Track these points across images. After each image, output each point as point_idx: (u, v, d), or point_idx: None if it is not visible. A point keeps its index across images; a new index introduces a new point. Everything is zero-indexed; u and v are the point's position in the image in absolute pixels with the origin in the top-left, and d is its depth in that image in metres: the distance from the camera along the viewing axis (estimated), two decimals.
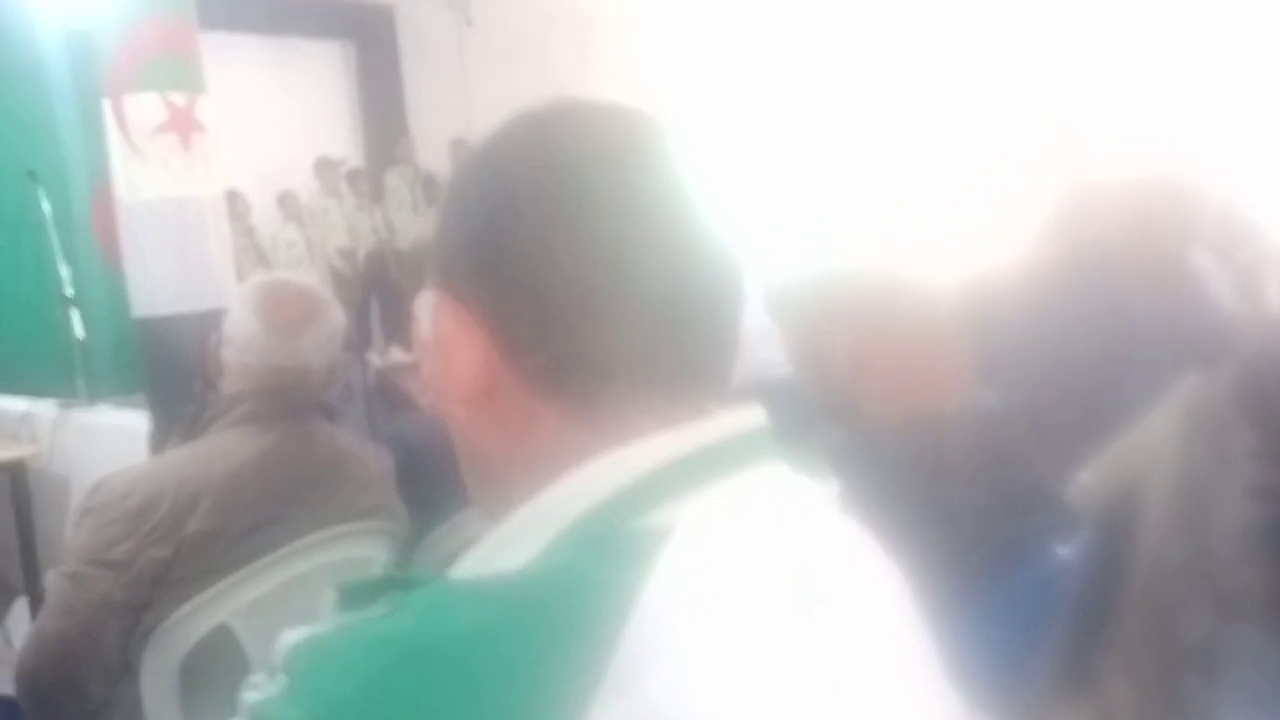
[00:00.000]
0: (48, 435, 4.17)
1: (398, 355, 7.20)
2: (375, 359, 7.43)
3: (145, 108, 3.25)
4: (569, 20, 8.05)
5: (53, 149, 5.29)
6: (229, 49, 6.56)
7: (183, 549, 1.48)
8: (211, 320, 3.29)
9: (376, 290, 8.00)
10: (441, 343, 0.58)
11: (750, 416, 0.57)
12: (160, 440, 3.45)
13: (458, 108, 8.95)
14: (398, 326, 7.43)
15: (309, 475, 1.62)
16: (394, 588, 0.51)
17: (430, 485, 1.82)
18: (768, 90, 7.37)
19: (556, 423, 0.56)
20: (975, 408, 1.03)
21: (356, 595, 0.53)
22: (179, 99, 3.28)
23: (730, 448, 0.55)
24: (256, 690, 0.50)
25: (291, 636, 0.51)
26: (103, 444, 3.97)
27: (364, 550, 1.67)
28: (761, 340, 1.21)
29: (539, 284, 0.55)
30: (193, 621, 1.48)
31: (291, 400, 1.64)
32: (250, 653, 1.53)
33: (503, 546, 0.53)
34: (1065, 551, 0.97)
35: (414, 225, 8.31)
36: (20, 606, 3.96)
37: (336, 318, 1.75)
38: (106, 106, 3.34)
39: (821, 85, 7.02)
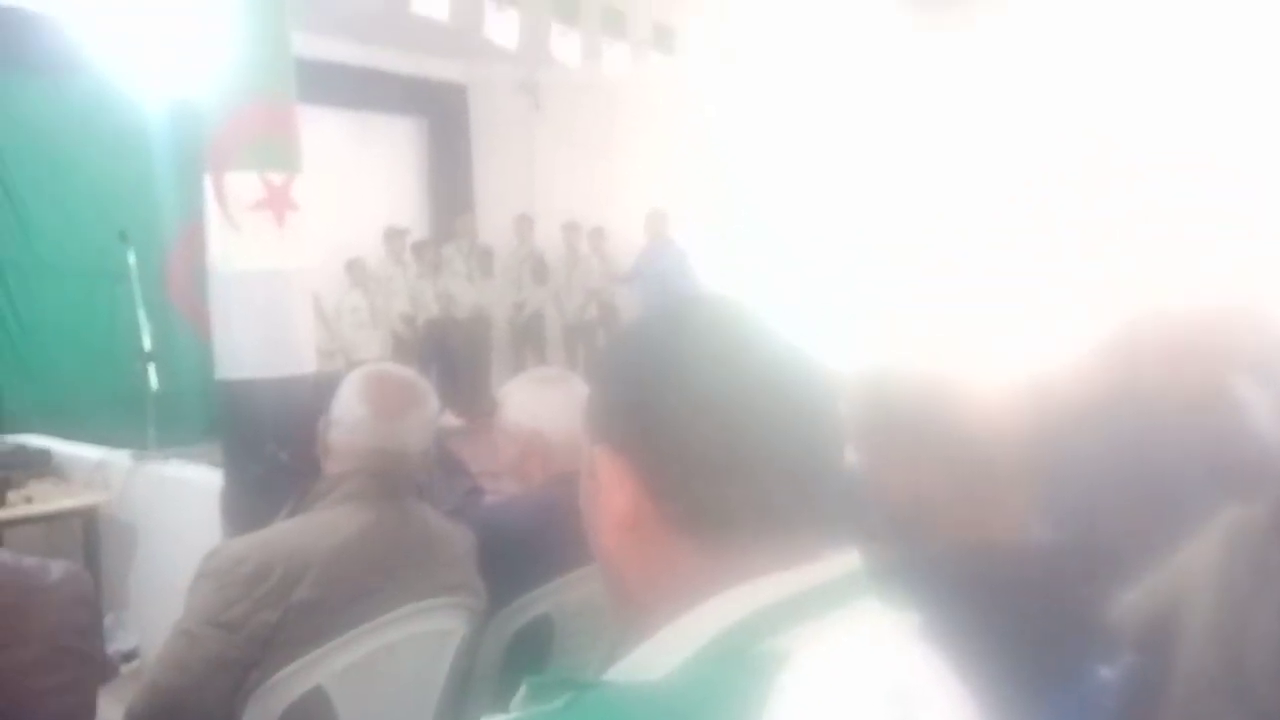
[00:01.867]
0: (119, 484, 4.36)
1: (451, 420, 7.40)
2: None
3: (245, 185, 3.47)
4: (632, 109, 8.32)
5: (143, 210, 5.59)
6: (309, 120, 6.88)
7: (290, 614, 1.61)
8: (289, 386, 3.49)
9: (435, 357, 8.23)
10: (599, 486, 0.73)
11: (850, 559, 0.71)
12: (232, 496, 3.62)
13: (522, 186, 9.25)
14: (453, 392, 7.62)
15: (404, 551, 1.75)
16: (570, 687, 0.64)
17: (506, 564, 1.95)
18: (823, 168, 7.52)
19: (690, 558, 0.69)
20: (1030, 540, 1.13)
21: (541, 690, 0.65)
22: (276, 178, 3.50)
23: (835, 585, 0.68)
24: None
25: None
26: (172, 495, 4.15)
27: (448, 623, 1.79)
28: None
29: (679, 447, 0.69)
30: (292, 682, 1.60)
31: (391, 481, 1.78)
32: (341, 713, 1.65)
33: (650, 658, 0.67)
34: (1108, 672, 1.06)
35: (469, 295, 8.57)
36: None
37: (434, 404, 1.90)
38: (208, 181, 3.56)
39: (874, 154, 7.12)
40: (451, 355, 8.32)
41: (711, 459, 0.69)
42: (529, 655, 1.89)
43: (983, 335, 1.42)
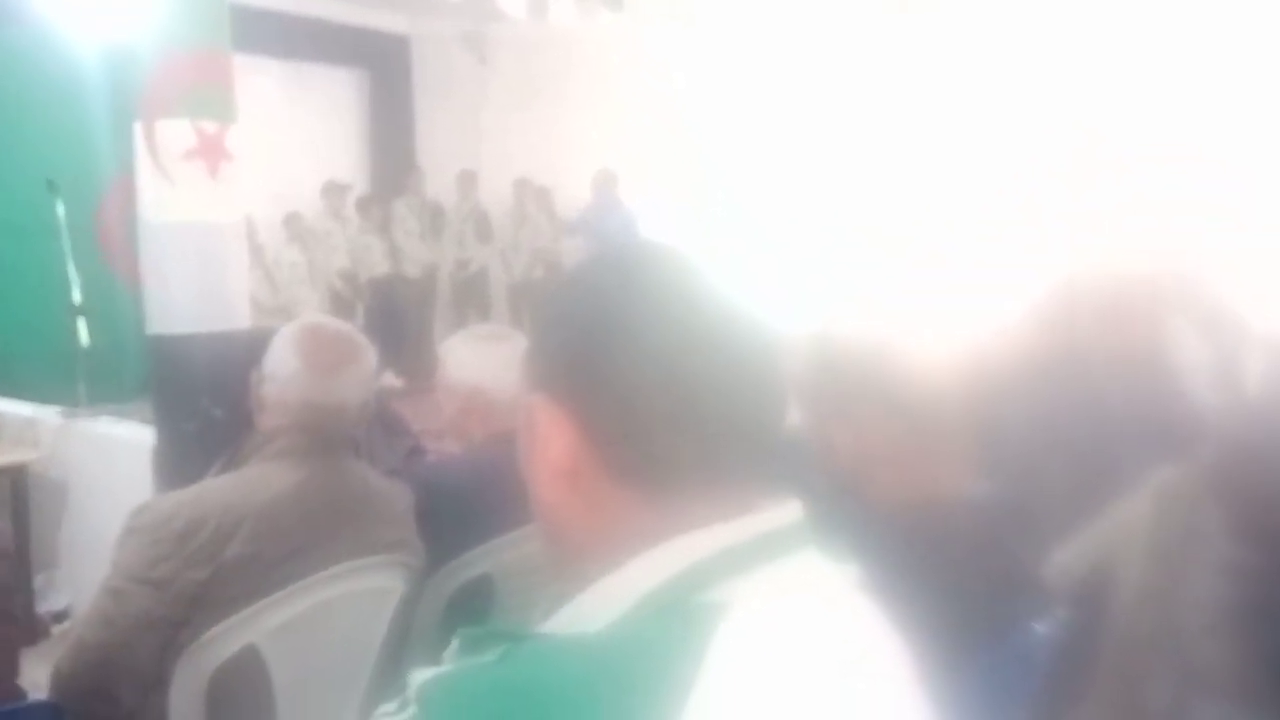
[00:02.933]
0: (49, 441, 4.24)
1: (393, 379, 7.32)
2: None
3: (177, 133, 3.37)
4: (581, 61, 8.21)
5: (72, 161, 5.39)
6: (245, 70, 6.71)
7: (220, 572, 1.58)
8: (224, 341, 3.41)
9: (380, 315, 8.12)
10: (537, 434, 0.71)
11: (790, 511, 0.70)
12: (165, 452, 3.54)
13: (468, 142, 9.10)
14: (397, 352, 7.52)
15: (340, 508, 1.72)
16: (503, 639, 0.63)
17: (445, 523, 1.93)
18: (774, 121, 7.51)
19: (629, 508, 0.68)
20: (968, 497, 1.14)
21: (474, 642, 0.64)
22: (210, 127, 3.40)
23: (775, 537, 0.68)
24: (389, 717, 0.61)
25: (422, 674, 0.62)
26: (103, 453, 4.06)
27: (385, 581, 1.77)
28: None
29: (621, 396, 0.68)
30: (223, 640, 1.57)
31: (326, 436, 1.75)
32: (274, 672, 1.62)
33: (587, 610, 0.66)
34: (1042, 627, 1.08)
35: (421, 253, 8.44)
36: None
37: (371, 360, 1.86)
38: (138, 128, 3.45)
39: (830, 106, 7.12)
40: (398, 314, 8.21)
41: (654, 408, 0.67)
42: (468, 615, 1.87)
43: (924, 297, 1.43)
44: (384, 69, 9.34)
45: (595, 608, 0.65)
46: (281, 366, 1.76)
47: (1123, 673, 1.18)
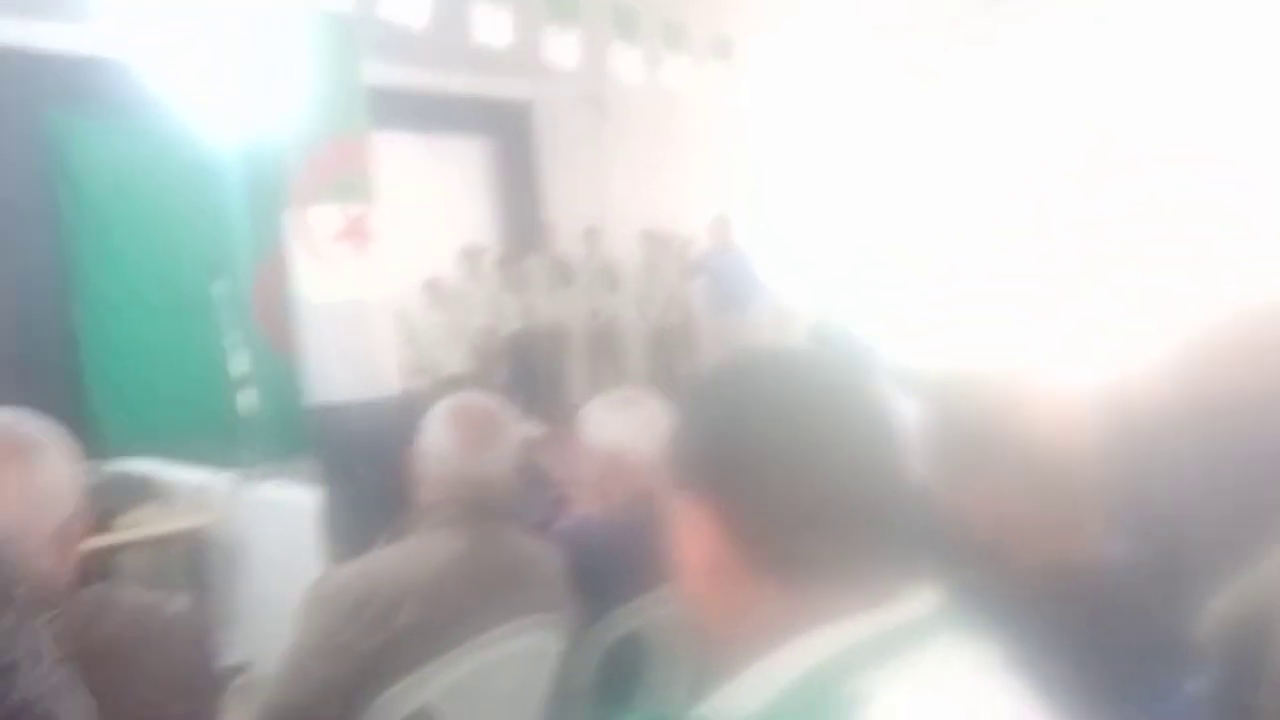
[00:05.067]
0: (221, 506, 4.53)
1: (534, 430, 7.51)
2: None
3: (325, 218, 3.61)
4: (700, 113, 8.33)
5: (225, 244, 5.80)
6: (379, 145, 7.08)
7: (392, 638, 1.69)
8: (377, 408, 3.61)
9: (518, 368, 8.40)
10: (681, 531, 0.77)
11: (928, 598, 0.74)
12: (331, 515, 3.75)
13: (592, 198, 9.34)
14: (535, 402, 7.73)
15: (498, 573, 1.82)
16: None
17: (592, 583, 2.01)
18: (890, 170, 7.47)
19: (771, 601, 0.73)
20: (1110, 557, 1.13)
21: None
22: (355, 209, 3.64)
23: (914, 625, 0.71)
24: None
25: None
26: (270, 514, 4.31)
27: (544, 641, 1.86)
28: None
29: (759, 495, 0.74)
30: (398, 702, 1.68)
31: (481, 506, 1.86)
32: None
33: (735, 698, 0.71)
34: (1195, 686, 1.06)
35: (551, 307, 8.71)
36: None
37: (515, 431, 1.97)
38: (290, 216, 3.72)
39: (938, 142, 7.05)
40: (534, 366, 8.48)
41: (791, 506, 0.72)
42: (622, 673, 1.94)
43: (1053, 347, 1.41)
44: (508, 134, 9.69)
45: (742, 697, 0.70)
46: (435, 444, 1.88)
47: None
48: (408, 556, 1.79)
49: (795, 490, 0.72)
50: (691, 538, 0.76)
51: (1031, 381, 1.23)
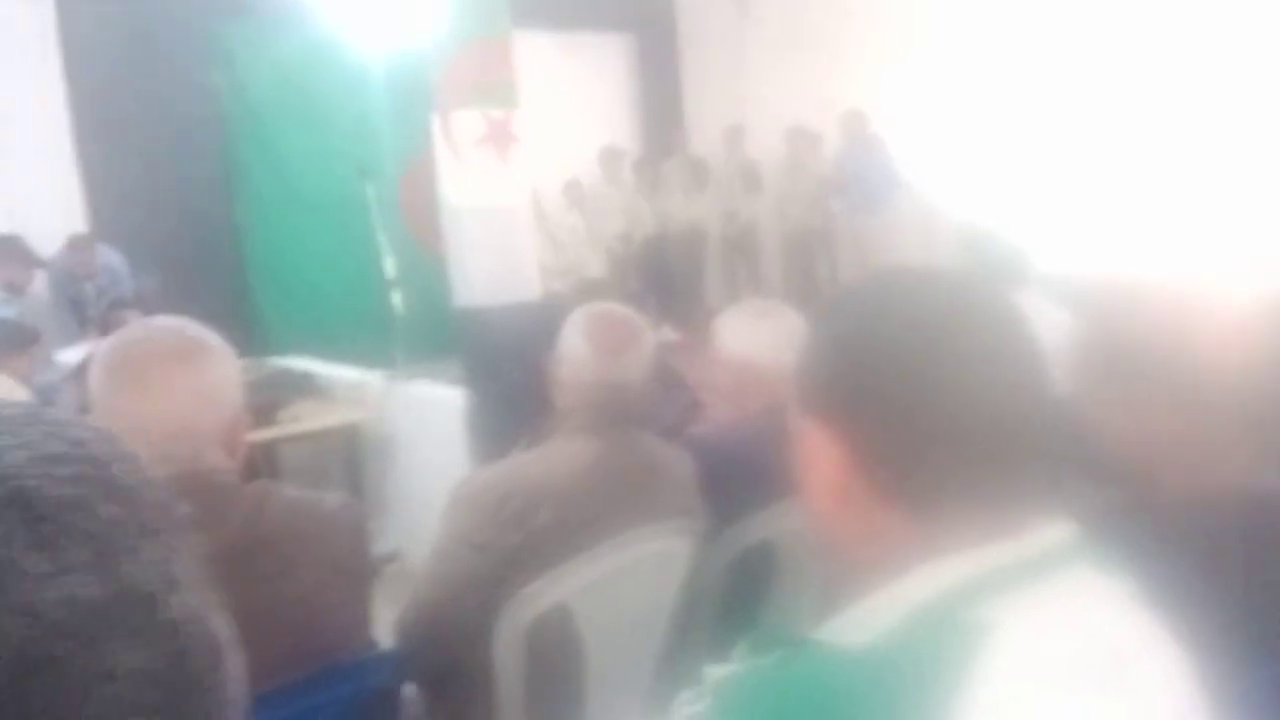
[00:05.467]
0: (374, 402, 4.77)
1: (669, 334, 7.58)
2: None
3: (469, 123, 3.66)
4: (846, 10, 8.00)
5: (373, 147, 5.97)
6: (521, 45, 7.08)
7: (531, 537, 1.77)
8: (520, 312, 3.70)
9: (652, 274, 8.42)
10: (808, 453, 0.77)
11: (1060, 530, 0.72)
12: (475, 413, 3.91)
13: (733, 96, 9.14)
14: (670, 306, 7.78)
15: (632, 478, 1.87)
16: (783, 644, 0.70)
17: (724, 490, 2.04)
18: (1050, 77, 7.05)
19: (898, 525, 0.73)
20: (1267, 489, 1.06)
21: (758, 645, 0.72)
22: (497, 114, 3.67)
23: (1044, 556, 0.70)
24: (688, 705, 0.71)
25: (716, 671, 0.71)
26: (420, 411, 4.51)
27: (674, 545, 1.90)
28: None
29: (889, 417, 0.73)
30: (537, 598, 1.76)
31: (616, 412, 1.90)
32: (581, 627, 1.80)
33: (857, 623, 0.71)
34: None
35: (685, 210, 8.64)
36: None
37: (650, 340, 1.99)
38: (435, 119, 3.78)
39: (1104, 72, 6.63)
40: (669, 271, 8.48)
41: (921, 429, 0.71)
42: (751, 580, 1.98)
43: (1222, 255, 1.31)
44: (650, 31, 9.54)
45: (865, 621, 0.70)
46: (573, 351, 1.92)
47: None
48: (547, 460, 1.86)
49: (925, 416, 0.71)
50: (818, 460, 0.76)
51: (1197, 291, 1.14)
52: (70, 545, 0.38)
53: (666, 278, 8.36)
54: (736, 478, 2.02)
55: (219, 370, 1.48)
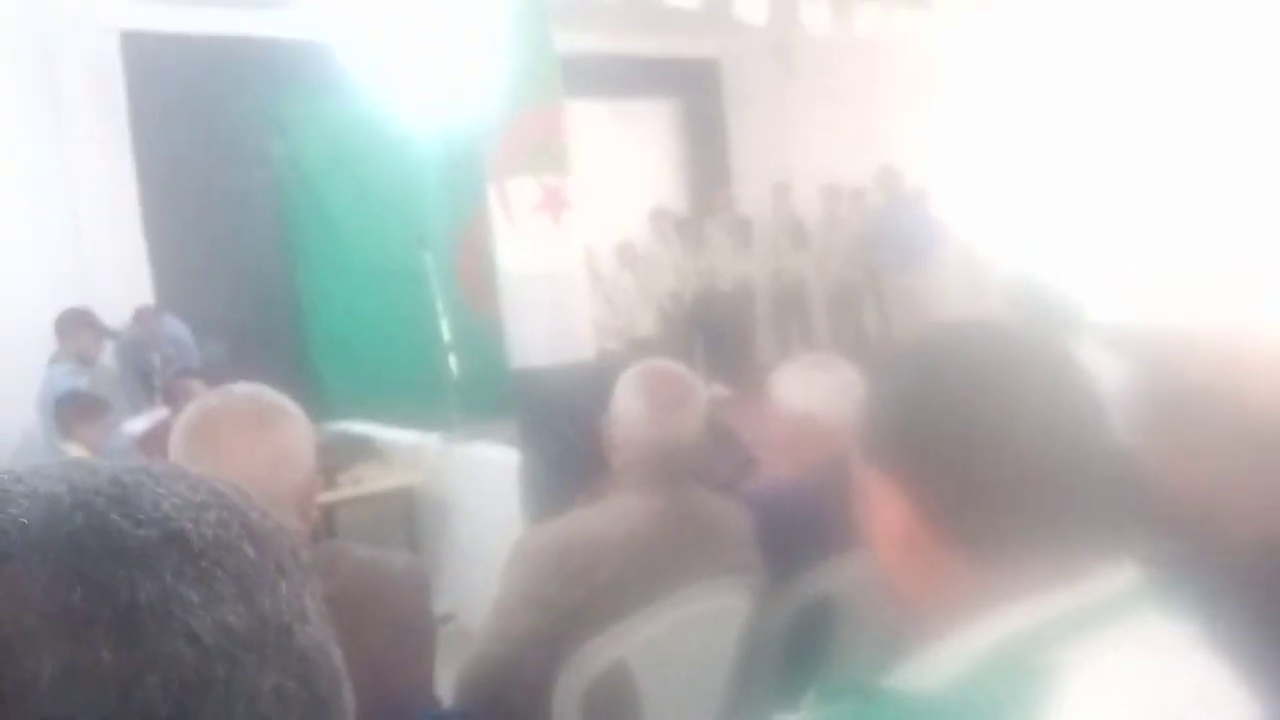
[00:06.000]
0: (431, 465, 4.83)
1: (720, 391, 7.59)
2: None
3: (523, 190, 3.75)
4: (888, 69, 8.09)
5: (430, 214, 6.13)
6: (572, 113, 7.25)
7: (593, 593, 1.78)
8: (575, 372, 3.75)
9: (701, 329, 8.47)
10: (873, 505, 0.79)
11: (1125, 574, 0.74)
12: (531, 473, 3.94)
13: (778, 154, 9.24)
14: (721, 363, 7.80)
15: (690, 533, 1.89)
16: (856, 693, 0.72)
17: (783, 545, 2.04)
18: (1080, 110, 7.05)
19: (964, 573, 0.74)
20: None
21: (830, 695, 0.73)
22: (551, 180, 3.77)
23: (1111, 600, 0.71)
24: None
25: None
26: (476, 473, 4.56)
27: (733, 600, 1.91)
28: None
29: (952, 468, 0.74)
30: (597, 654, 1.78)
31: (672, 468, 1.92)
32: (640, 683, 1.81)
33: (929, 668, 0.72)
34: None
35: (733, 268, 8.71)
36: None
37: (702, 394, 2.02)
38: (490, 188, 3.88)
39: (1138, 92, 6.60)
40: (717, 327, 8.52)
41: (982, 480, 0.73)
42: (811, 635, 1.97)
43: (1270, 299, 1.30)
44: (696, 93, 9.71)
45: (936, 667, 0.71)
46: (627, 410, 1.96)
47: None
48: (606, 516, 1.88)
49: (988, 467, 0.73)
50: (883, 512, 0.78)
51: (1254, 337, 1.13)
52: (220, 579, 0.43)
53: (717, 334, 8.39)
54: (795, 532, 2.03)
55: (294, 434, 1.53)
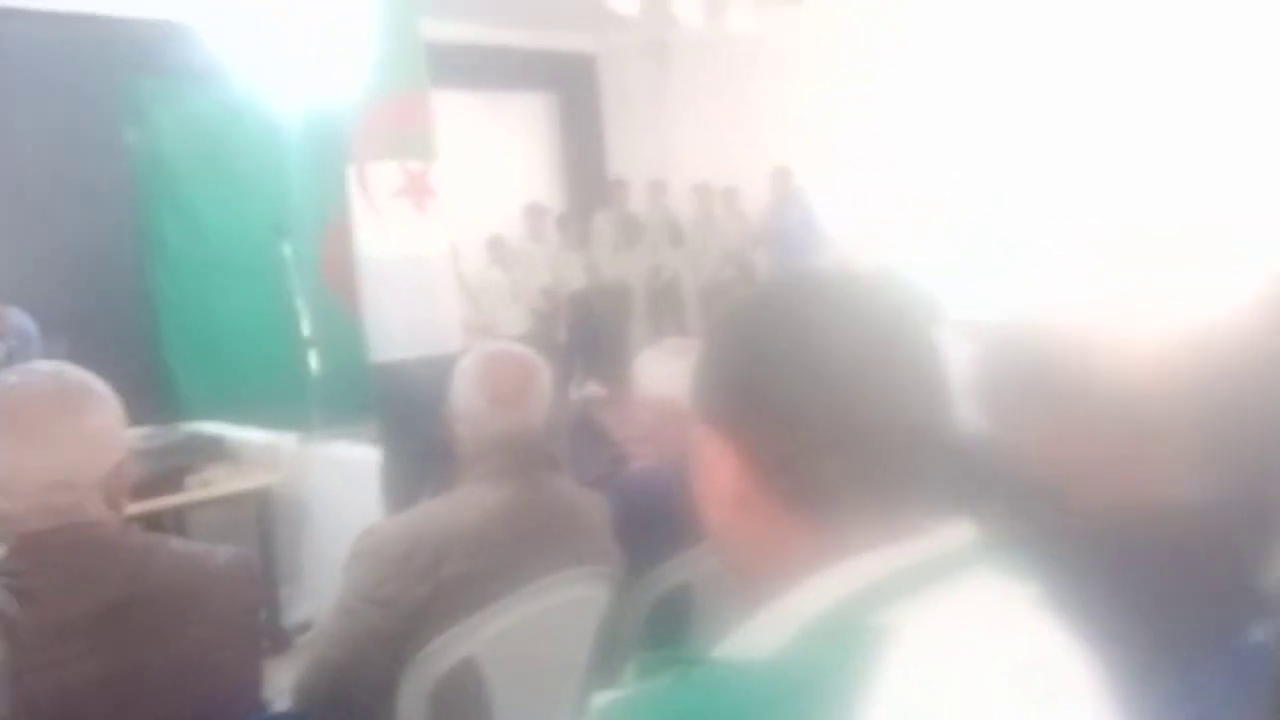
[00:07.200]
0: (288, 465, 4.62)
1: (596, 390, 7.53)
2: (575, 394, 7.82)
3: (386, 174, 3.61)
4: (765, 66, 8.18)
5: (294, 204, 5.89)
6: (444, 104, 7.07)
7: (439, 588, 1.69)
8: (438, 366, 3.62)
9: (580, 328, 8.39)
10: (704, 464, 0.73)
11: (961, 531, 0.70)
12: (391, 472, 3.79)
13: (655, 150, 9.25)
14: (598, 362, 7.74)
15: (543, 523, 1.81)
16: (676, 663, 0.66)
17: (644, 533, 1.99)
18: (960, 118, 7.27)
19: (798, 533, 0.70)
20: (1183, 501, 1.05)
21: (649, 667, 0.67)
22: (415, 166, 3.63)
23: (945, 558, 0.67)
24: None
25: (603, 697, 0.66)
26: (336, 474, 4.38)
27: (590, 592, 1.84)
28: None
29: (785, 424, 0.69)
30: (444, 652, 1.68)
31: (523, 457, 1.84)
32: (490, 683, 1.72)
33: (755, 635, 0.67)
34: (1263, 634, 1.00)
35: (616, 265, 8.68)
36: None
37: (547, 378, 1.93)
38: (351, 172, 3.72)
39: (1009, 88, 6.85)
40: (596, 326, 8.46)
41: (818, 434, 0.68)
42: (670, 624, 1.92)
43: (1135, 276, 1.32)
44: (572, 88, 9.63)
45: (763, 633, 0.66)
46: (467, 405, 1.86)
47: None
48: (453, 508, 1.79)
49: (820, 416, 0.68)
50: (715, 471, 0.73)
51: (1102, 322, 1.14)
52: None
53: (593, 333, 8.32)
54: (654, 521, 1.97)
55: (102, 416, 1.41)
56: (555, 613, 1.78)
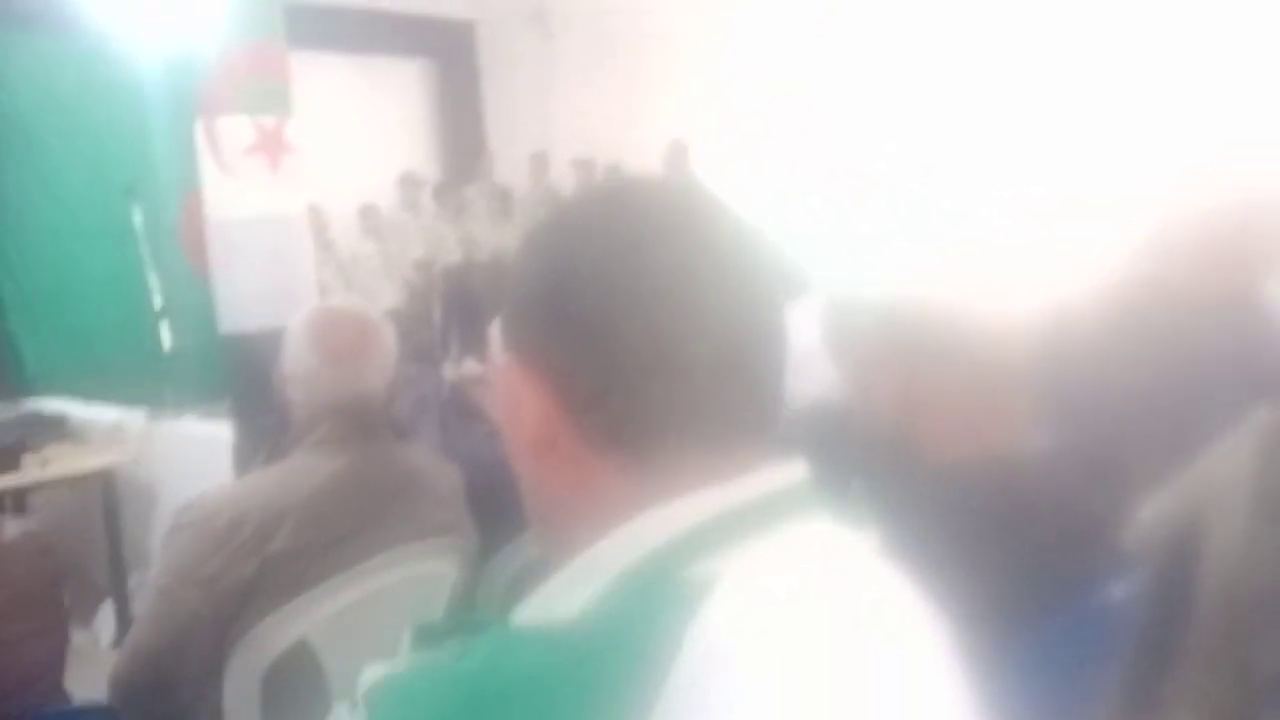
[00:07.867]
0: (136, 444, 4.35)
1: (472, 367, 7.36)
2: (450, 370, 7.63)
3: (236, 130, 3.38)
4: (649, 35, 8.07)
5: (145, 166, 5.54)
6: (313, 67, 6.76)
7: (267, 566, 1.54)
8: None
9: (456, 303, 8.17)
10: (510, 399, 0.63)
11: (791, 472, 0.61)
12: (245, 450, 3.58)
13: (537, 122, 9.06)
14: (474, 338, 7.56)
15: (384, 493, 1.67)
16: (463, 630, 0.55)
17: (499, 503, 1.87)
18: (845, 100, 7.32)
19: (611, 476, 0.60)
20: (1032, 453, 1.03)
21: (429, 635, 0.57)
22: (268, 121, 3.41)
23: (772, 502, 0.59)
24: None
25: (371, 673, 0.56)
26: (189, 453, 4.14)
27: (436, 566, 1.72)
28: (819, 359, 1.22)
29: (597, 350, 0.59)
30: (274, 635, 1.54)
31: (361, 422, 1.69)
32: (328, 666, 1.59)
33: (559, 593, 0.58)
34: (1118, 588, 0.97)
35: (492, 238, 8.48)
36: (106, 608, 4.15)
37: (389, 338, 1.78)
38: (199, 127, 3.48)
39: (905, 89, 6.94)
40: (473, 301, 8.26)
41: (630, 363, 0.58)
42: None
43: (985, 239, 1.32)
44: (451, 56, 9.35)
45: (567, 591, 0.57)
46: (300, 366, 1.71)
47: (1227, 633, 1.06)
48: (283, 478, 1.63)
49: (635, 339, 0.58)
50: (521, 408, 0.62)
51: (961, 273, 1.17)
52: None
53: (470, 308, 8.13)
54: (512, 490, 1.87)
55: None
56: (398, 590, 1.66)
